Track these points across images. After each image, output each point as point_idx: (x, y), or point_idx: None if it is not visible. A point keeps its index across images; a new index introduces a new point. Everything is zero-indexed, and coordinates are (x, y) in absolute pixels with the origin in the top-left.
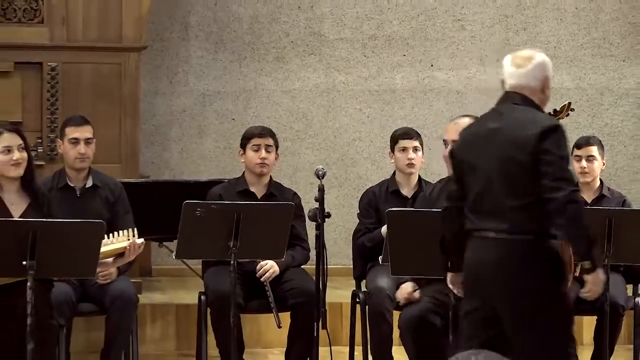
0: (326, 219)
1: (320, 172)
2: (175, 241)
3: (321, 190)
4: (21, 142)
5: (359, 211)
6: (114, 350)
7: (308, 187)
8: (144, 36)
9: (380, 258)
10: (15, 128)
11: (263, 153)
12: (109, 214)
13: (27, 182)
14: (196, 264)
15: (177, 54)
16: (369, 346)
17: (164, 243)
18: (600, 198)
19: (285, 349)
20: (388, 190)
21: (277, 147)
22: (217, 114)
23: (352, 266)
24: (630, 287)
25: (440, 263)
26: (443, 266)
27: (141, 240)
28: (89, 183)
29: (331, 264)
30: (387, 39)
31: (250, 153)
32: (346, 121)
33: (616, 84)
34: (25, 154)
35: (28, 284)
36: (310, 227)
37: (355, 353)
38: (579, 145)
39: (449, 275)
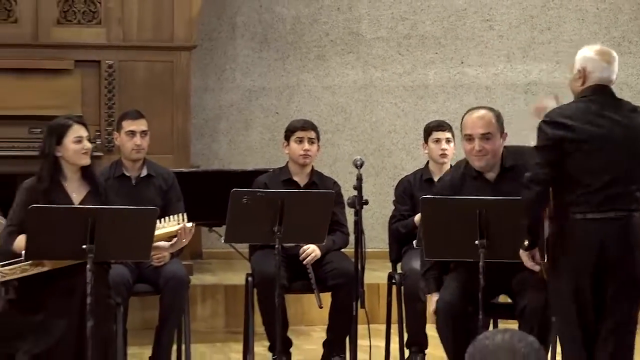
0: (364, 206)
1: (358, 162)
2: (224, 226)
3: (359, 179)
4: (87, 133)
5: (394, 198)
6: (167, 327)
7: (347, 176)
8: (194, 36)
9: (414, 242)
10: (83, 121)
11: (306, 145)
12: (162, 202)
13: (87, 172)
14: (243, 248)
15: (225, 53)
16: (404, 324)
17: (214, 228)
18: None
19: (326, 326)
20: (422, 178)
21: (318, 139)
22: (262, 109)
23: (388, 250)
24: None
25: (520, 243)
26: (525, 246)
27: (191, 224)
28: (144, 173)
29: (369, 247)
30: (421, 38)
31: (294, 145)
32: (382, 115)
33: (634, 80)
34: (90, 145)
35: (87, 266)
36: (349, 214)
37: (391, 330)
38: None
39: (531, 253)
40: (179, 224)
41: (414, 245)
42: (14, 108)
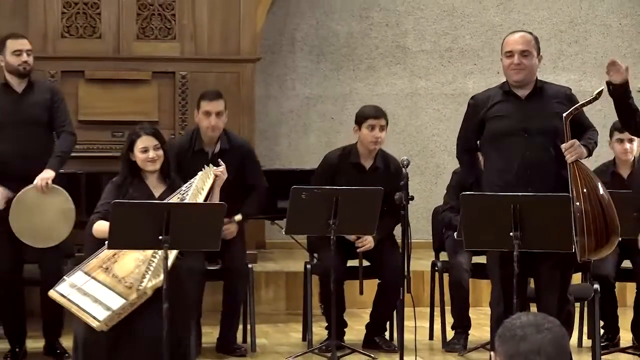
0: (410, 202)
1: (405, 162)
2: (285, 219)
3: (405, 177)
4: (157, 142)
5: (446, 192)
6: (231, 312)
7: None
8: (258, 50)
9: (455, 234)
10: (153, 131)
11: (377, 132)
12: (239, 173)
13: (164, 172)
14: (302, 238)
15: (286, 64)
16: (445, 307)
17: (275, 221)
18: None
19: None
20: None
21: (387, 125)
22: (318, 114)
23: (431, 240)
24: None
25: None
26: None
27: (222, 167)
28: (218, 148)
29: (414, 238)
30: (461, 51)
31: (365, 131)
32: (426, 119)
33: None
34: (160, 152)
35: (162, 253)
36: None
37: (435, 313)
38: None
39: None
40: (209, 177)
41: (455, 236)
42: (99, 114)
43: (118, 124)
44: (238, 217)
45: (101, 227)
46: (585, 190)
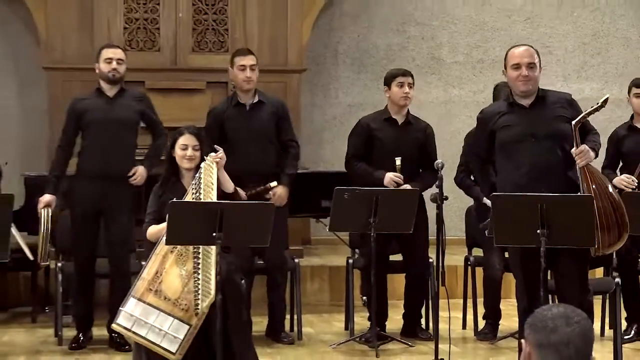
0: (444, 201)
1: (439, 165)
2: (328, 218)
3: (440, 179)
4: (197, 143)
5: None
6: (276, 303)
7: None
8: (304, 61)
9: (486, 231)
10: (196, 131)
11: (406, 89)
12: (275, 126)
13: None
14: (344, 235)
15: (329, 75)
16: (477, 299)
17: (320, 219)
18: None
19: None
20: None
21: (413, 84)
22: (352, 110)
23: (464, 237)
24: None
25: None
26: None
27: (220, 151)
28: (255, 100)
29: (448, 235)
30: (491, 62)
31: (395, 89)
32: (459, 125)
33: None
34: (198, 153)
35: (216, 250)
36: (431, 208)
37: (467, 304)
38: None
39: None
40: (212, 168)
41: (486, 233)
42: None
43: (174, 129)
44: (281, 189)
45: (154, 230)
46: (594, 187)
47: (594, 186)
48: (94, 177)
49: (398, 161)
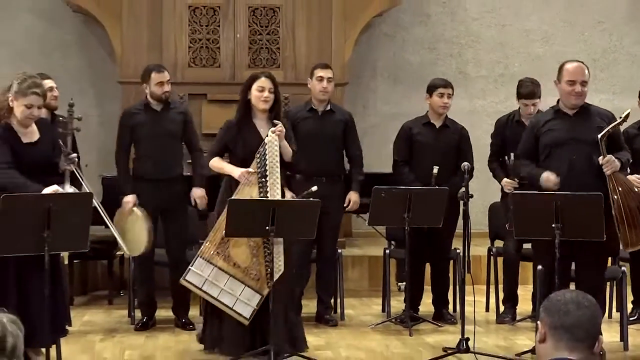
0: (470, 199)
1: (466, 167)
2: (368, 213)
3: (467, 180)
4: (272, 86)
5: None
6: (323, 288)
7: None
8: (346, 75)
9: (507, 225)
10: (271, 75)
11: (445, 99)
12: (342, 133)
13: (272, 115)
14: (382, 229)
15: (368, 87)
16: (499, 285)
17: (360, 215)
18: None
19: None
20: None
21: (452, 94)
22: (396, 129)
23: (487, 230)
24: None
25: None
26: None
27: (279, 125)
28: (328, 108)
29: (473, 229)
30: (511, 76)
31: (436, 98)
32: (483, 132)
33: None
34: (272, 96)
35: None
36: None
37: (490, 290)
38: None
39: None
40: (274, 144)
41: (507, 227)
42: (218, 128)
43: None
44: (354, 195)
45: (215, 163)
46: (620, 189)
47: (620, 189)
48: (148, 180)
49: (435, 170)
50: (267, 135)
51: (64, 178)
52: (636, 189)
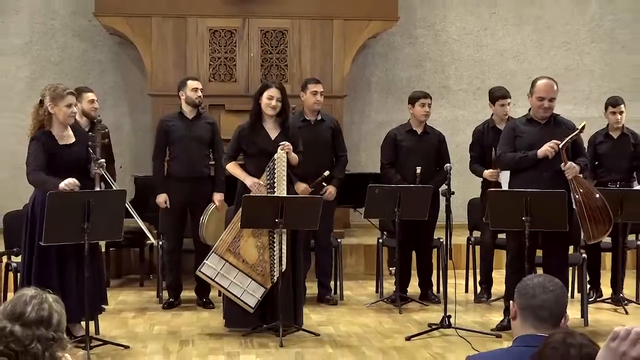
0: (452, 195)
1: (448, 168)
2: (363, 207)
3: (449, 179)
4: (280, 96)
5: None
6: (323, 274)
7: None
8: (345, 89)
9: (483, 218)
10: (281, 85)
11: (427, 108)
12: (332, 138)
13: (280, 120)
14: (376, 221)
15: (364, 99)
16: (477, 270)
17: (357, 209)
18: None
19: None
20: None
21: (431, 103)
22: (382, 128)
23: (467, 223)
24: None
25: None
26: None
27: (285, 143)
28: (319, 117)
29: (454, 221)
30: (487, 89)
31: (418, 108)
32: (463, 138)
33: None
34: (280, 104)
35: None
36: (442, 200)
37: (469, 274)
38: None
39: None
40: (283, 159)
41: (484, 220)
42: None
43: None
44: (332, 188)
45: (231, 168)
46: (582, 191)
47: (581, 190)
48: (180, 179)
49: (418, 170)
50: (275, 141)
51: (94, 182)
52: (597, 195)
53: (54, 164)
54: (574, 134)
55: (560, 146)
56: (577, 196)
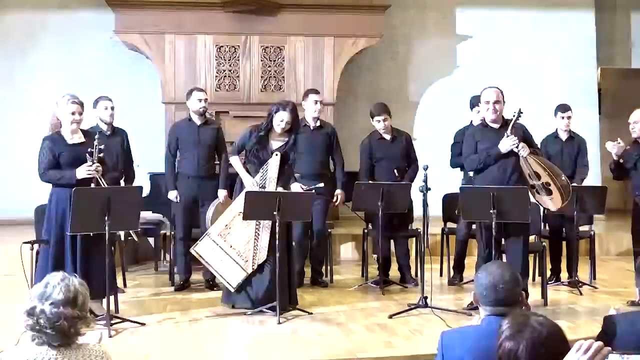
0: (428, 191)
1: (425, 167)
2: (351, 201)
3: (426, 175)
4: (289, 120)
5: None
6: (317, 258)
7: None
8: (334, 97)
9: (456, 211)
10: (293, 108)
11: (383, 123)
12: (328, 142)
13: (287, 135)
14: (361, 214)
15: (351, 107)
16: (450, 256)
17: (346, 203)
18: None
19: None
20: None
21: (390, 116)
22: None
23: (441, 215)
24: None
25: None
26: None
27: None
28: (318, 124)
29: (431, 214)
30: (457, 97)
31: (377, 123)
32: (436, 139)
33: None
34: (289, 126)
35: (275, 222)
36: (419, 197)
37: (443, 259)
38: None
39: None
40: (276, 165)
41: (456, 212)
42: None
43: None
44: (340, 194)
45: (234, 162)
46: (545, 165)
47: (543, 165)
48: (189, 177)
49: (396, 172)
50: (273, 152)
51: (91, 183)
52: (563, 177)
53: (63, 159)
54: (515, 118)
55: (508, 131)
56: (541, 172)
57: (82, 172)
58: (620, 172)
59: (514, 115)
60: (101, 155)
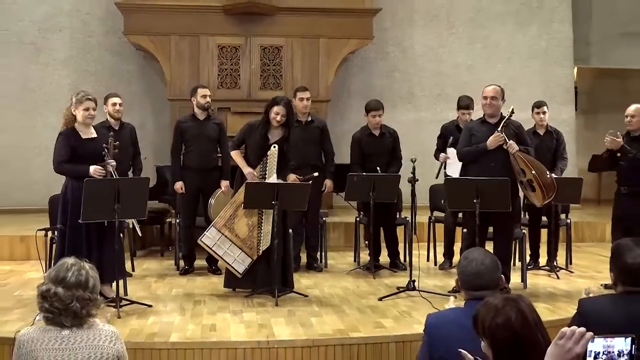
0: (416, 182)
1: (413, 159)
2: (344, 192)
3: (414, 168)
4: (285, 112)
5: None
6: (312, 245)
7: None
8: (329, 95)
9: (442, 200)
10: (288, 104)
11: (378, 119)
12: (320, 136)
13: (284, 127)
14: (354, 203)
15: (345, 103)
16: (436, 243)
17: (339, 193)
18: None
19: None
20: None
21: (383, 112)
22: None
23: (428, 205)
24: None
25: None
26: None
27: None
28: (309, 119)
29: (418, 203)
30: (446, 96)
31: (371, 118)
32: (426, 135)
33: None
34: (284, 119)
35: (274, 212)
36: (408, 186)
37: (430, 246)
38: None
39: None
40: (275, 156)
41: (442, 202)
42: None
43: None
44: (329, 182)
45: (234, 155)
46: (533, 165)
47: (532, 165)
48: (194, 169)
49: (379, 169)
50: (272, 145)
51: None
52: (548, 175)
53: (77, 153)
54: (506, 118)
55: (498, 129)
56: (531, 171)
57: (94, 171)
58: (608, 164)
59: (507, 115)
60: (116, 151)
